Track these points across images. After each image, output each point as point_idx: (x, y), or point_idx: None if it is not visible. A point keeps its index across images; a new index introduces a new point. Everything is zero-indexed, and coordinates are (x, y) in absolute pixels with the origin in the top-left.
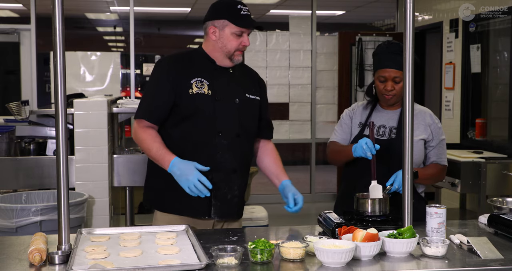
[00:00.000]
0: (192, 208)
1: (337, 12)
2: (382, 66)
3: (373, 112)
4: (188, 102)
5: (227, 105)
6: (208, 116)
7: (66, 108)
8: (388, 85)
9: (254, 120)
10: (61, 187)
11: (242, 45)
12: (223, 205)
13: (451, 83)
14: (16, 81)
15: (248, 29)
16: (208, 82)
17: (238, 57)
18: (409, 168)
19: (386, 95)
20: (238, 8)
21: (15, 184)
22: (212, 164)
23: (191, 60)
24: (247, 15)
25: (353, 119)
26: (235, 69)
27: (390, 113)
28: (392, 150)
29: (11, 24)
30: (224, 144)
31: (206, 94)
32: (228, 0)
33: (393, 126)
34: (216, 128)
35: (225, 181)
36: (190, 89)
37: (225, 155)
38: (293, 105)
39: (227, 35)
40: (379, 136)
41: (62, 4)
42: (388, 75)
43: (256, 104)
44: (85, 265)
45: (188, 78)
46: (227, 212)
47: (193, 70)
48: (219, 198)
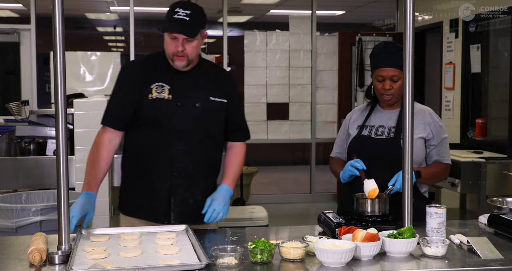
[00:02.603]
0: (152, 212)
1: (337, 12)
2: (379, 66)
3: (372, 113)
4: (147, 108)
5: (188, 109)
6: (168, 121)
7: (66, 108)
8: (386, 84)
9: (220, 123)
10: (61, 187)
11: (176, 50)
12: (184, 210)
13: (451, 83)
14: (16, 81)
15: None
16: (169, 87)
17: (178, 63)
18: (409, 167)
19: (385, 95)
20: (174, 11)
21: (15, 184)
22: (171, 168)
23: (154, 64)
24: (179, 20)
25: (350, 128)
26: (200, 71)
27: (390, 113)
28: (391, 149)
29: (11, 24)
30: (183, 149)
31: (166, 99)
32: (177, 2)
33: (392, 126)
34: (176, 133)
35: (185, 186)
36: (150, 94)
37: (185, 160)
38: (293, 105)
39: (165, 38)
40: (377, 136)
41: (62, 4)
42: (386, 74)
43: (222, 107)
44: (85, 265)
45: (149, 83)
46: (190, 217)
47: (155, 75)
48: (179, 203)
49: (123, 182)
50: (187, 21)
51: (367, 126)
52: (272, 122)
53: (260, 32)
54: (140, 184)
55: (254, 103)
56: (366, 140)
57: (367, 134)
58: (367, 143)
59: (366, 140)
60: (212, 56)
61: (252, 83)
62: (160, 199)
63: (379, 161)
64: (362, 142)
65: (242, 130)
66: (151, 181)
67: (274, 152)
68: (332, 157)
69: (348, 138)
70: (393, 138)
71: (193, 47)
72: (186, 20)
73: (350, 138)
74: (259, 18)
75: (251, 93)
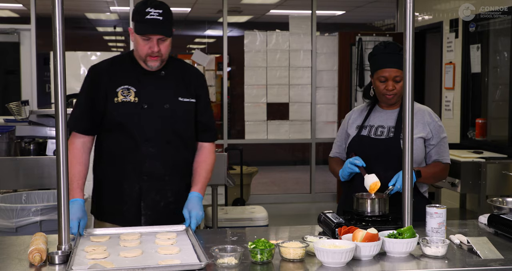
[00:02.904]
0: (122, 217)
1: (337, 12)
2: (382, 67)
3: (371, 113)
4: (113, 112)
5: (156, 111)
6: (135, 125)
7: (66, 108)
8: (389, 85)
9: (189, 124)
10: (61, 187)
11: (151, 51)
12: (155, 213)
13: (451, 83)
14: (16, 81)
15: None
16: (135, 89)
17: (152, 63)
18: (409, 168)
19: (388, 95)
20: (145, 11)
21: (15, 184)
22: (140, 172)
23: (119, 66)
24: (153, 20)
25: (349, 128)
26: (168, 71)
27: (389, 113)
28: (390, 148)
29: (11, 24)
30: (152, 151)
31: (132, 102)
32: (142, 2)
33: (392, 126)
34: (144, 136)
35: (155, 189)
36: (116, 97)
37: (154, 163)
38: (293, 105)
39: (137, 39)
40: (377, 136)
41: (62, 4)
42: (389, 75)
43: (191, 108)
44: (85, 265)
45: (114, 86)
46: (162, 220)
47: (120, 78)
48: (150, 207)
49: (94, 187)
50: (161, 21)
51: (366, 126)
52: (272, 122)
53: (260, 32)
54: (110, 188)
55: (254, 103)
56: (365, 140)
57: (366, 135)
58: (367, 143)
59: (365, 140)
60: (212, 56)
61: (252, 83)
62: (130, 203)
63: (378, 161)
64: (361, 141)
65: (210, 130)
66: (120, 185)
67: (274, 152)
68: (331, 157)
69: (347, 138)
70: (393, 137)
71: (166, 46)
72: (160, 19)
73: (349, 138)
74: (259, 18)
75: (251, 93)
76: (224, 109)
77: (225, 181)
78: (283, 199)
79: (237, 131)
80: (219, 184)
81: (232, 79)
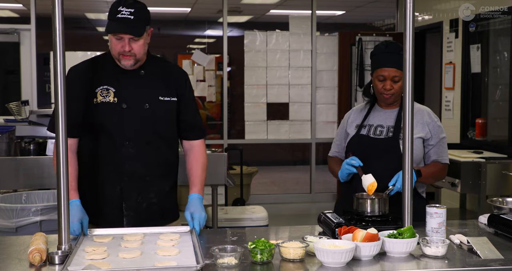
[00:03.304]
0: (104, 218)
1: (337, 12)
2: (381, 66)
3: (371, 112)
4: (92, 113)
5: (135, 112)
6: (114, 125)
7: (66, 108)
8: (387, 85)
9: (171, 124)
10: (61, 187)
11: (123, 50)
12: (138, 214)
13: (451, 83)
14: (16, 81)
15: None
16: (114, 89)
17: (125, 62)
18: (409, 167)
19: (385, 94)
20: (117, 10)
21: (15, 184)
22: (120, 173)
23: (98, 66)
24: (124, 19)
25: (348, 128)
26: (148, 70)
27: (388, 112)
28: (389, 148)
29: (11, 24)
30: (132, 152)
31: (112, 103)
32: (117, 0)
33: (391, 125)
34: (123, 136)
35: (137, 190)
36: (95, 98)
37: (134, 164)
38: (293, 105)
39: (110, 38)
40: (376, 135)
41: (62, 4)
42: (388, 75)
43: (172, 107)
44: (81, 266)
45: (93, 87)
46: (144, 221)
47: (99, 78)
48: (132, 208)
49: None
50: (131, 20)
51: (365, 125)
52: (272, 122)
53: (260, 32)
54: (91, 190)
55: (254, 103)
56: (364, 139)
57: (365, 134)
58: (366, 142)
59: (364, 139)
60: (212, 56)
61: (252, 83)
62: (111, 204)
63: (377, 160)
64: (360, 141)
65: (196, 128)
66: (101, 187)
67: (274, 152)
68: (331, 156)
69: (346, 137)
70: (392, 137)
71: (140, 46)
72: (131, 18)
73: (348, 137)
74: (259, 18)
75: (251, 93)
76: (224, 109)
77: (225, 181)
78: (283, 199)
79: (237, 131)
80: (219, 184)
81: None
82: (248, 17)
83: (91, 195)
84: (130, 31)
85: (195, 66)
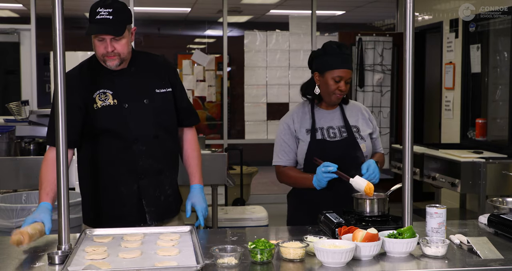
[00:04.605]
0: (126, 219)
1: (337, 12)
2: (339, 67)
3: (314, 114)
4: (95, 119)
5: (137, 109)
6: (121, 126)
7: (66, 108)
8: (342, 86)
9: (172, 114)
10: (61, 187)
11: (106, 51)
12: (159, 209)
13: (451, 83)
14: (16, 81)
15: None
16: (111, 92)
17: (110, 63)
18: (409, 167)
19: (339, 94)
20: (96, 11)
21: (15, 184)
22: (135, 172)
23: (89, 71)
24: (102, 20)
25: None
26: (138, 66)
27: (331, 113)
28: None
29: (11, 24)
30: (143, 149)
31: (112, 105)
32: (96, 2)
33: (340, 125)
34: (132, 136)
35: (153, 185)
36: (94, 104)
37: (147, 160)
38: (293, 105)
39: (92, 40)
40: (331, 138)
41: (62, 4)
42: (344, 75)
43: (170, 97)
44: (81, 266)
45: (90, 92)
46: (165, 214)
47: (93, 83)
48: (152, 203)
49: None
50: (110, 20)
51: (317, 129)
52: (272, 122)
53: (260, 32)
54: (107, 194)
55: (254, 103)
56: (324, 144)
57: (322, 138)
58: (327, 146)
59: (324, 144)
60: (212, 56)
61: (252, 83)
62: (131, 205)
63: (340, 163)
64: (321, 146)
65: (192, 114)
66: (118, 189)
67: None
68: (282, 165)
69: (297, 144)
70: (348, 137)
71: (123, 45)
72: (110, 18)
73: (303, 144)
74: (259, 18)
75: (251, 93)
76: (224, 109)
77: (225, 181)
78: (283, 199)
79: (237, 131)
80: (219, 184)
81: (232, 79)
82: (248, 17)
83: (107, 201)
84: (108, 31)
85: (195, 66)
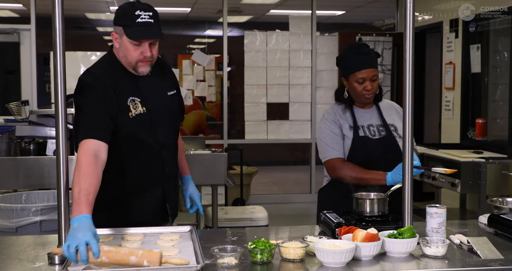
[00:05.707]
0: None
1: (337, 12)
2: (359, 69)
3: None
4: (130, 126)
5: (160, 116)
6: (151, 134)
7: (66, 108)
8: (368, 86)
9: (180, 115)
10: (61, 187)
11: (143, 56)
12: (176, 209)
13: (451, 83)
14: (16, 81)
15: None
16: (139, 99)
17: (143, 69)
18: (409, 167)
19: (367, 95)
20: (135, 14)
21: (15, 184)
22: (162, 177)
23: (115, 76)
24: (145, 23)
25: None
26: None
27: (369, 112)
28: (389, 148)
29: (11, 24)
30: (169, 155)
31: (143, 113)
32: (128, 4)
33: (378, 124)
34: (159, 143)
35: (173, 187)
36: (129, 112)
37: (171, 165)
38: (293, 105)
39: (126, 44)
40: (372, 136)
41: (62, 4)
42: (367, 76)
43: (177, 99)
44: (81, 266)
45: (123, 99)
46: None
47: (123, 89)
48: (173, 206)
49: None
50: (153, 24)
51: (359, 127)
52: (272, 122)
53: (260, 32)
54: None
55: (254, 103)
56: (367, 141)
57: (364, 135)
58: (370, 144)
59: (367, 141)
60: (212, 56)
61: (252, 83)
62: (156, 210)
63: (380, 161)
64: (364, 143)
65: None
66: (144, 197)
67: (274, 152)
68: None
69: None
70: (387, 135)
71: (156, 50)
72: (152, 22)
73: (347, 140)
74: (259, 18)
75: (251, 93)
76: (224, 109)
77: (225, 181)
78: (283, 199)
79: (237, 131)
80: (219, 184)
81: (232, 79)
82: (248, 17)
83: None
84: (155, 35)
85: (195, 66)
